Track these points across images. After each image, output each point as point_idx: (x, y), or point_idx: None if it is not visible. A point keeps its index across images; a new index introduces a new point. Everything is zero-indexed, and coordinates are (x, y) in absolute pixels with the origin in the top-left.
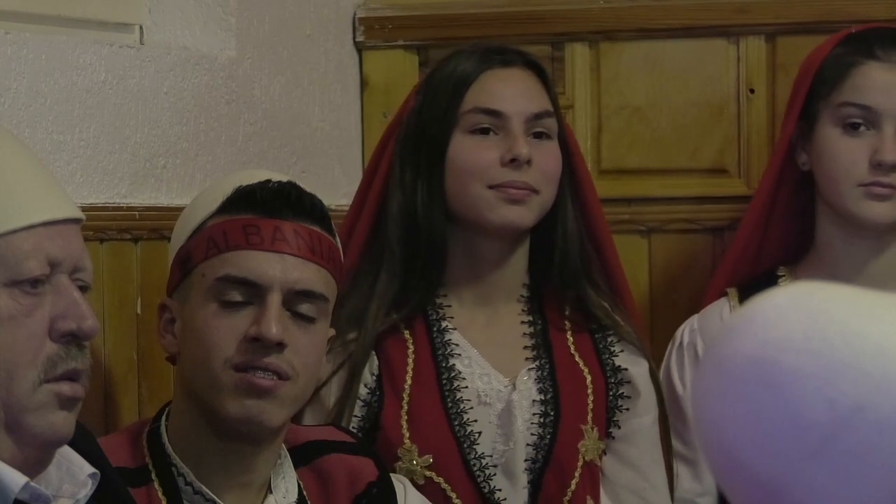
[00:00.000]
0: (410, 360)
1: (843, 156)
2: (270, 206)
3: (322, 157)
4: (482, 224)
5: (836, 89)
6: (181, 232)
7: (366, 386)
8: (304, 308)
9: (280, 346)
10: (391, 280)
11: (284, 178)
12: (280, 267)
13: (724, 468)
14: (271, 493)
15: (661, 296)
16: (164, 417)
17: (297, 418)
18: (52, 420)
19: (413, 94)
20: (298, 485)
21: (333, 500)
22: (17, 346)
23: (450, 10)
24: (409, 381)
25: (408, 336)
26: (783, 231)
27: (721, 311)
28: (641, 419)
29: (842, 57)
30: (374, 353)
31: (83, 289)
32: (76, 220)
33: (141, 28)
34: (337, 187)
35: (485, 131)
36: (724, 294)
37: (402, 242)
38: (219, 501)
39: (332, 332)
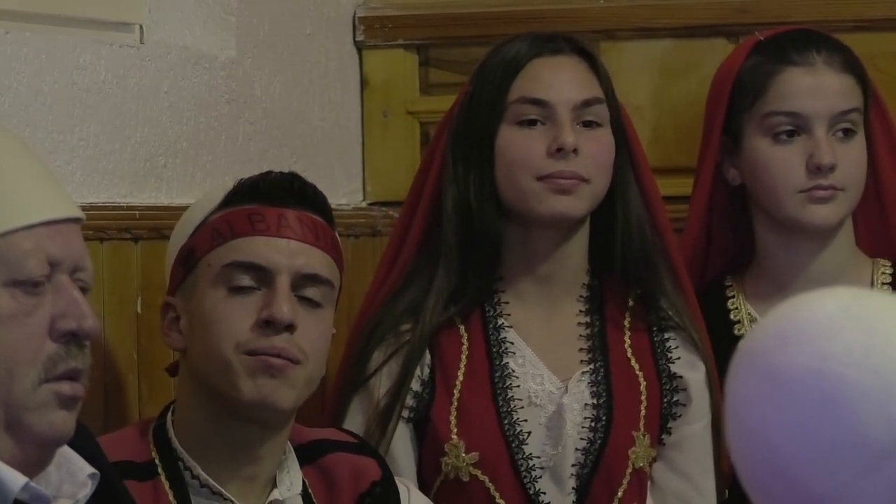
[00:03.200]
0: (464, 356)
1: (779, 165)
2: (274, 195)
3: (322, 157)
4: (533, 216)
5: (759, 100)
6: (181, 233)
7: (418, 377)
8: (311, 292)
9: (290, 328)
10: (449, 275)
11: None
12: (287, 251)
13: (767, 479)
14: (276, 487)
15: None
16: (169, 413)
17: (343, 408)
18: (52, 419)
19: (466, 84)
20: (303, 481)
21: (337, 498)
22: (17, 346)
23: (450, 10)
24: (460, 377)
25: (463, 331)
26: (724, 243)
27: None
28: (693, 426)
29: (758, 66)
30: (430, 344)
31: (83, 288)
32: (76, 220)
33: (141, 27)
34: (337, 186)
35: (532, 122)
36: None
37: (458, 237)
38: (225, 493)
39: (333, 330)
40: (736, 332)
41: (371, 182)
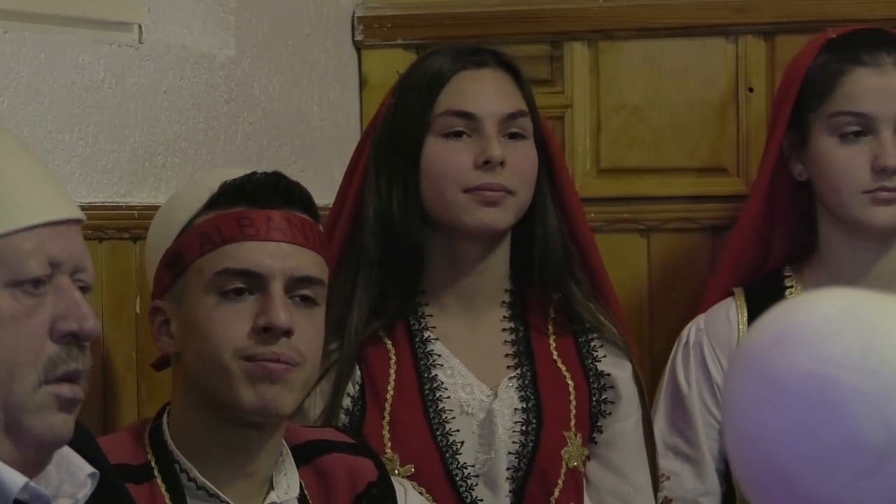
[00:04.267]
0: (392, 371)
1: (844, 165)
2: (260, 196)
3: (321, 156)
4: (459, 228)
5: (827, 99)
6: (163, 234)
7: (348, 395)
8: (304, 293)
9: (288, 333)
10: (369, 287)
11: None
12: (278, 255)
13: (766, 481)
14: (273, 489)
15: (660, 294)
16: (165, 415)
17: None
18: (51, 422)
19: (388, 96)
20: (300, 483)
21: (334, 499)
22: (18, 347)
23: (448, 9)
24: (391, 391)
25: (390, 346)
26: (785, 233)
27: (727, 312)
28: (623, 423)
29: (828, 65)
30: (356, 362)
31: (84, 289)
32: (77, 221)
33: (140, 27)
34: (336, 186)
35: (458, 134)
36: (730, 294)
37: (379, 249)
38: (222, 496)
39: None
40: None
41: None
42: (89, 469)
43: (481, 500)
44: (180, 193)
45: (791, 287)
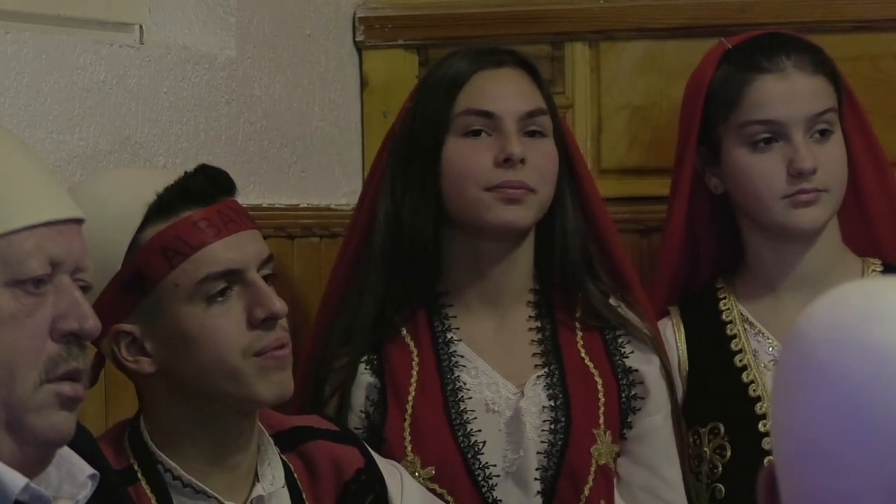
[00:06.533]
0: (414, 373)
1: (760, 173)
2: (203, 194)
3: (322, 157)
4: (481, 227)
5: (734, 110)
6: (104, 258)
7: (368, 398)
8: (268, 270)
9: (285, 315)
10: (375, 292)
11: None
12: (244, 246)
13: (841, 452)
14: (258, 481)
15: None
16: (141, 420)
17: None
18: (53, 420)
19: (407, 100)
20: (287, 468)
21: (319, 486)
22: (18, 346)
23: (450, 10)
24: (412, 393)
25: (413, 347)
26: (711, 247)
27: (665, 331)
28: (653, 418)
29: (730, 77)
30: (376, 363)
31: (84, 289)
32: (77, 221)
33: (141, 27)
34: (337, 187)
35: (477, 133)
36: (666, 313)
37: (388, 252)
38: (209, 491)
39: None
40: (728, 332)
41: None
42: (89, 470)
43: (500, 501)
44: (95, 212)
45: (724, 298)
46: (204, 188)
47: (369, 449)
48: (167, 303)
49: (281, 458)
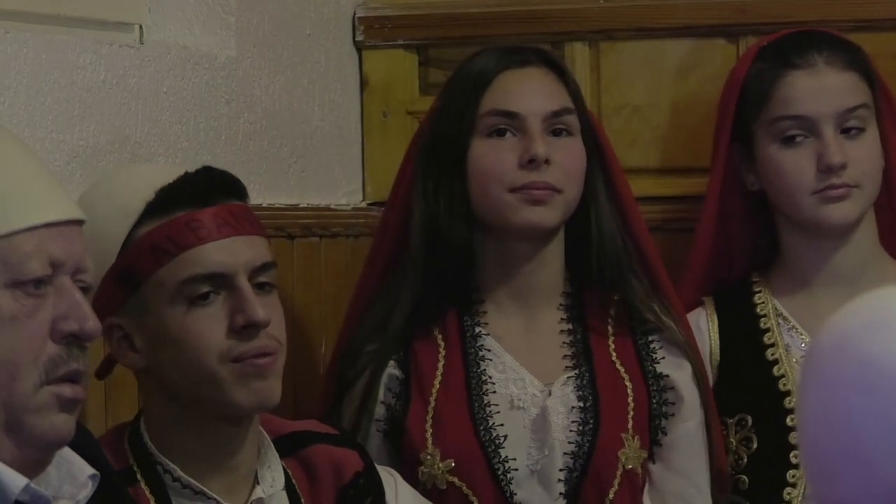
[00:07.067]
0: (440, 366)
1: (790, 169)
2: (201, 195)
3: (322, 157)
4: (507, 228)
5: (766, 107)
6: (101, 251)
7: (390, 390)
8: (263, 279)
9: (267, 324)
10: (413, 291)
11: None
12: (236, 251)
13: (837, 463)
14: (258, 483)
15: None
16: (141, 421)
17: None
18: (53, 421)
19: (435, 100)
20: (286, 473)
21: (318, 490)
22: (18, 347)
23: (449, 10)
24: (436, 385)
25: (441, 341)
26: (745, 243)
27: (698, 321)
28: (687, 424)
29: (762, 73)
30: (403, 357)
31: (84, 290)
32: (78, 222)
33: (141, 27)
34: (337, 187)
35: (502, 133)
36: (700, 303)
37: (425, 252)
38: (209, 492)
39: None
40: (761, 325)
41: (371, 182)
42: (90, 470)
43: (517, 495)
44: (102, 204)
45: (759, 292)
46: (202, 189)
47: (368, 453)
48: (152, 301)
49: (280, 464)
